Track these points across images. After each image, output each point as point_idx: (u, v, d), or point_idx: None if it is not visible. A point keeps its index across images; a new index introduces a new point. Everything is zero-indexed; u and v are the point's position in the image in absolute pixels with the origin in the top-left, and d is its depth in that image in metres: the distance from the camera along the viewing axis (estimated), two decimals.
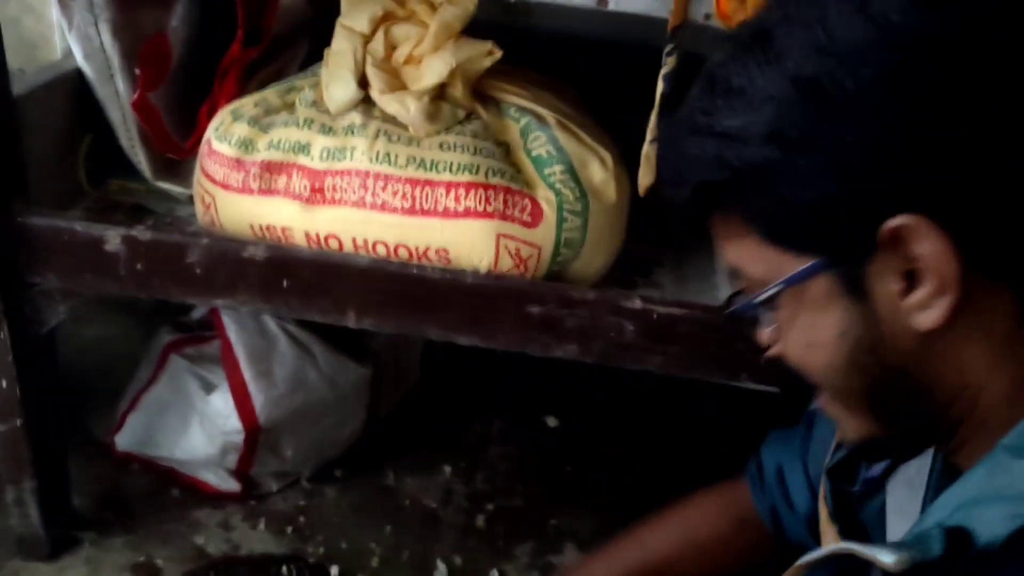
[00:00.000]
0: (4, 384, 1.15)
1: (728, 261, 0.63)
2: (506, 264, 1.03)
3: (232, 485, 1.42)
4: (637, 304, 1.02)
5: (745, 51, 0.56)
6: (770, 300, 0.59)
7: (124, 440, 1.46)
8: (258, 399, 1.32)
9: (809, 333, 0.58)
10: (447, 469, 1.55)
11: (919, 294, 0.52)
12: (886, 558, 0.50)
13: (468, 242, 1.02)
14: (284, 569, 1.25)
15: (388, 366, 1.51)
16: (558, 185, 1.04)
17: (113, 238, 1.06)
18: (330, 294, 1.06)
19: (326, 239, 1.05)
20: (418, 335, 1.09)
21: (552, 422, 1.68)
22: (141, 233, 1.06)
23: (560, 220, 1.04)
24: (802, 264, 0.56)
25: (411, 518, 1.45)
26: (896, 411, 0.59)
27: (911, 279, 0.53)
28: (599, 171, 1.07)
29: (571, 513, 1.48)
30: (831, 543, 0.72)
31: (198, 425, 1.38)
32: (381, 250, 1.04)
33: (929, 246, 0.51)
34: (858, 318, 0.55)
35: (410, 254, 1.04)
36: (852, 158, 0.51)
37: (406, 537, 1.41)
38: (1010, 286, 0.53)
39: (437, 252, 1.03)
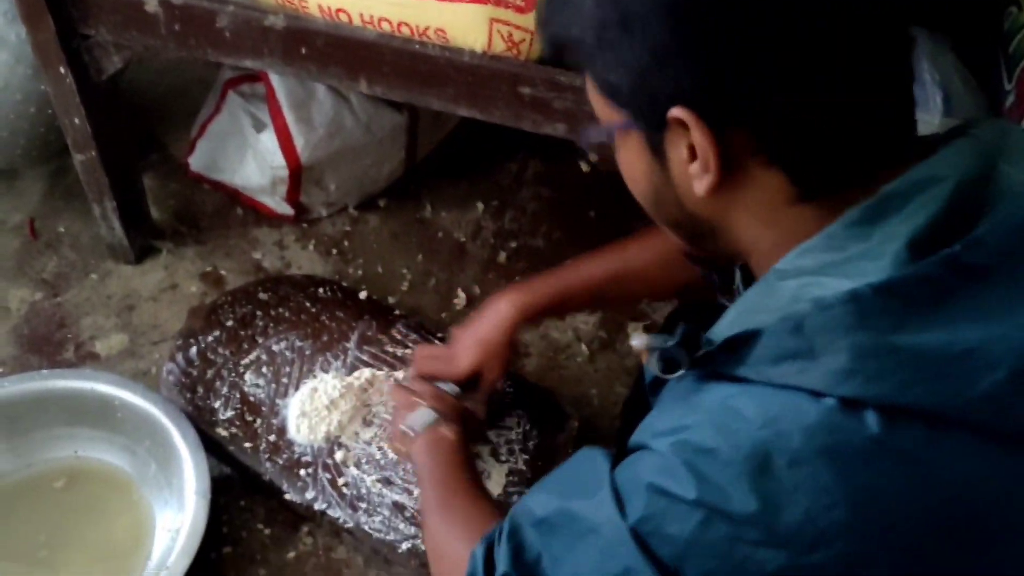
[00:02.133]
0: (77, 121, 1.33)
1: None
2: (499, 47, 1.10)
3: (287, 209, 1.61)
4: None
5: None
6: (602, 139, 0.70)
7: (196, 162, 1.65)
8: (299, 141, 1.47)
9: (628, 169, 0.71)
10: (480, 206, 1.70)
11: (693, 167, 0.63)
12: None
13: (463, 24, 1.09)
14: (320, 290, 1.46)
15: (424, 112, 1.61)
16: None
17: (151, 0, 1.17)
18: (342, 63, 1.16)
19: (337, 12, 1.13)
20: (423, 104, 1.19)
21: (586, 167, 1.78)
22: None
23: None
24: (622, 118, 0.66)
25: (441, 248, 1.63)
26: (700, 242, 0.73)
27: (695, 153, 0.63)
28: None
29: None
30: None
31: (252, 158, 1.55)
32: (386, 27, 1.12)
33: (696, 135, 0.61)
34: (658, 172, 0.67)
35: (411, 31, 1.11)
36: (639, 59, 0.61)
37: (434, 266, 1.60)
38: (782, 170, 0.62)
39: (436, 32, 1.10)
